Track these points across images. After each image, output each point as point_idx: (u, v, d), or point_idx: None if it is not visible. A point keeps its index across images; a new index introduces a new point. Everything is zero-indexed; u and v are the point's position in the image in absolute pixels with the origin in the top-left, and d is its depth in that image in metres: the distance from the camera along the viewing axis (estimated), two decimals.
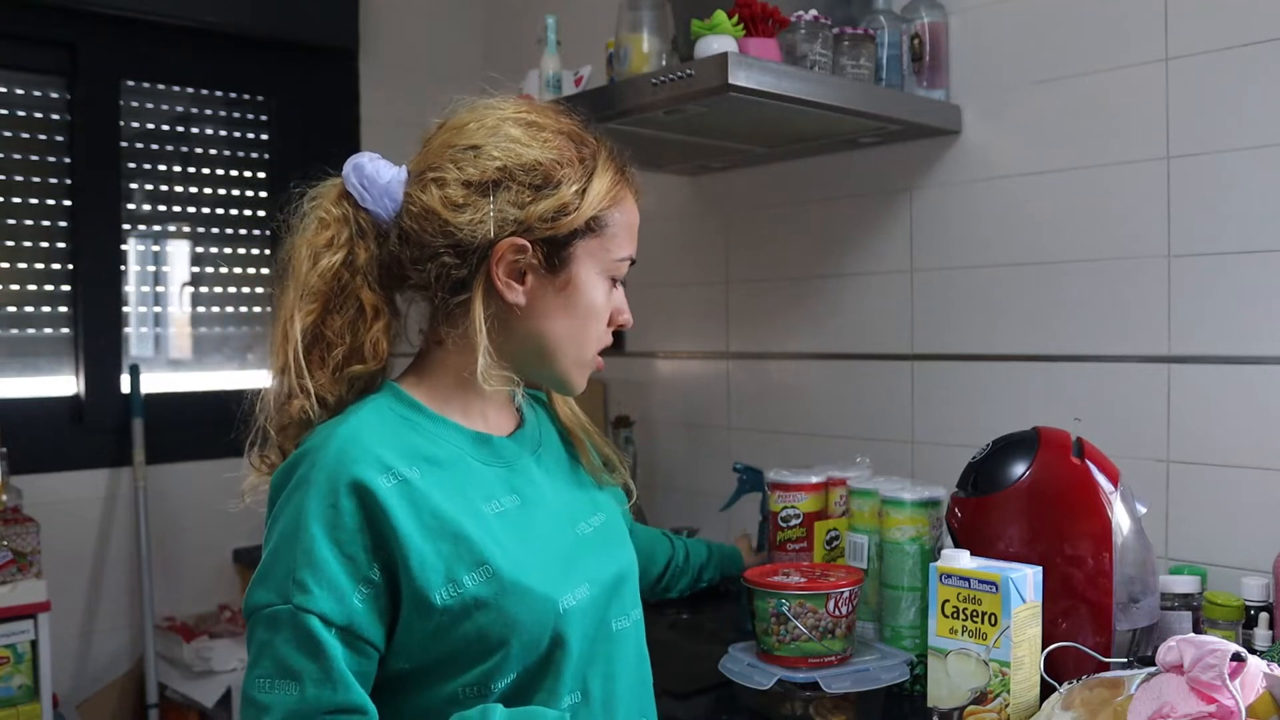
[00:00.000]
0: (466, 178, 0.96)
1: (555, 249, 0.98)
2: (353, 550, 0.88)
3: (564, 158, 0.98)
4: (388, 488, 0.90)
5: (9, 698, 2.00)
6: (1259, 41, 1.45)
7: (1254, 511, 1.46)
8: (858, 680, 1.29)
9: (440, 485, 0.94)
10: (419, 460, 0.94)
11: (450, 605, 0.90)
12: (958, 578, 1.15)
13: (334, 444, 0.91)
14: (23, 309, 2.38)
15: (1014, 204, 1.74)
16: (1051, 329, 1.70)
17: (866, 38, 1.71)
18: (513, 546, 0.95)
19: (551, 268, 0.99)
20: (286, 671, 0.87)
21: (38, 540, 2.05)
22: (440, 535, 0.91)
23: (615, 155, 1.04)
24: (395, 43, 2.76)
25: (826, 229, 2.04)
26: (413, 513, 0.90)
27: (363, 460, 0.90)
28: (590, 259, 1.01)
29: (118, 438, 2.42)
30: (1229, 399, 1.50)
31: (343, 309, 0.97)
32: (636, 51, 1.67)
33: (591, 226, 1.00)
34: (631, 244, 1.05)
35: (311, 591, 0.87)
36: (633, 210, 1.05)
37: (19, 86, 2.38)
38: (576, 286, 1.00)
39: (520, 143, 0.97)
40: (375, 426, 0.95)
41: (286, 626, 0.87)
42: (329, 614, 0.87)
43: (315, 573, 0.87)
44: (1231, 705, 0.87)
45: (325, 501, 0.89)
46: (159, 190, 2.58)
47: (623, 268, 1.04)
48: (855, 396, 1.99)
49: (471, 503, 0.95)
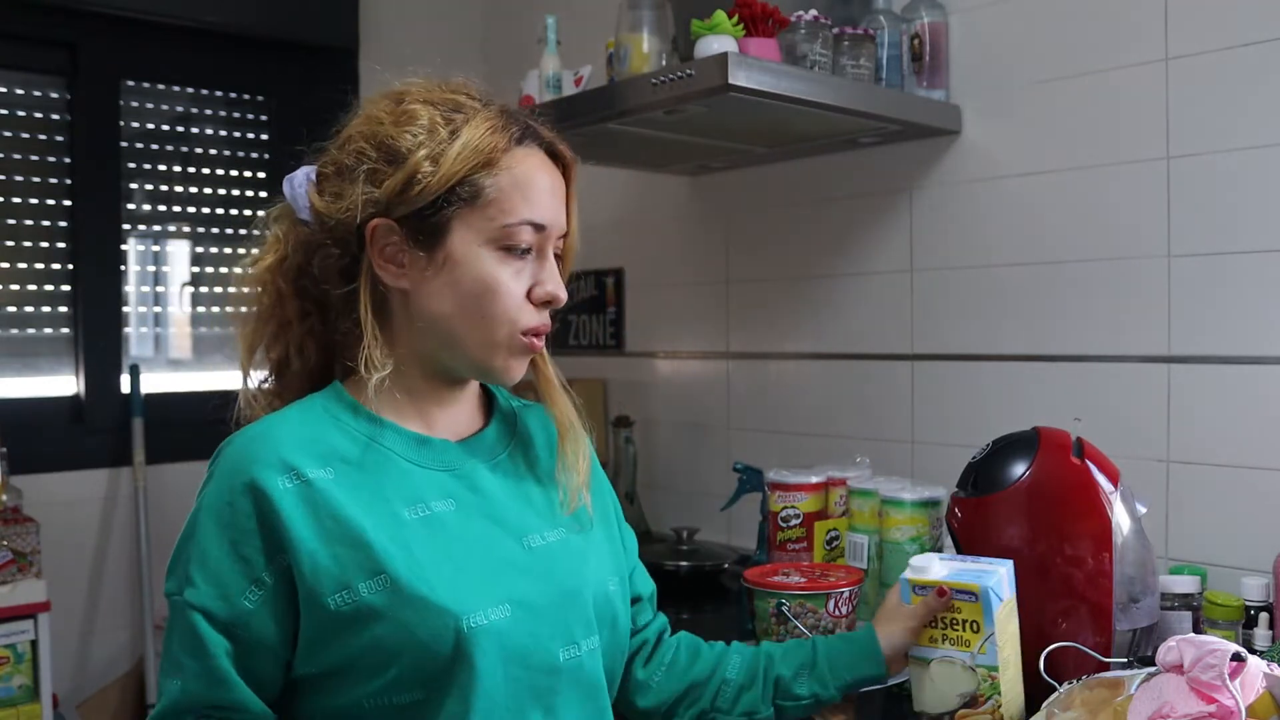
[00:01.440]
0: (336, 167, 0.96)
1: (425, 223, 0.92)
2: (246, 550, 0.88)
3: (419, 127, 0.93)
4: (284, 489, 0.88)
5: (9, 698, 2.00)
6: (1259, 41, 1.45)
7: (1254, 511, 1.46)
8: None
9: (353, 488, 0.91)
10: (334, 461, 0.91)
11: (343, 611, 0.87)
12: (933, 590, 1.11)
13: (239, 442, 0.92)
14: (23, 309, 2.38)
15: (1014, 204, 1.74)
16: (1051, 329, 1.70)
17: (866, 38, 1.71)
18: (424, 554, 0.90)
19: (425, 244, 0.93)
20: (174, 664, 0.88)
21: (38, 540, 2.05)
22: (339, 540, 0.88)
23: (497, 117, 0.95)
24: (395, 43, 2.76)
25: (826, 229, 2.04)
26: (310, 515, 0.88)
27: (262, 460, 0.89)
28: (469, 230, 0.93)
29: (118, 438, 2.42)
30: (1229, 399, 1.50)
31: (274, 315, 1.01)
32: (636, 51, 1.67)
33: (460, 194, 0.92)
34: (528, 207, 0.94)
35: (199, 586, 0.88)
36: (527, 170, 0.95)
37: (19, 86, 2.38)
38: (456, 261, 0.93)
39: (377, 121, 0.95)
40: (291, 425, 0.93)
41: (177, 617, 0.89)
42: (214, 611, 0.87)
43: (204, 569, 0.88)
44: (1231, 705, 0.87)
45: (223, 499, 0.89)
46: (159, 190, 2.58)
47: (518, 234, 0.93)
48: (855, 396, 1.99)
49: (388, 506, 0.91)
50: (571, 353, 2.57)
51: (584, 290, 2.56)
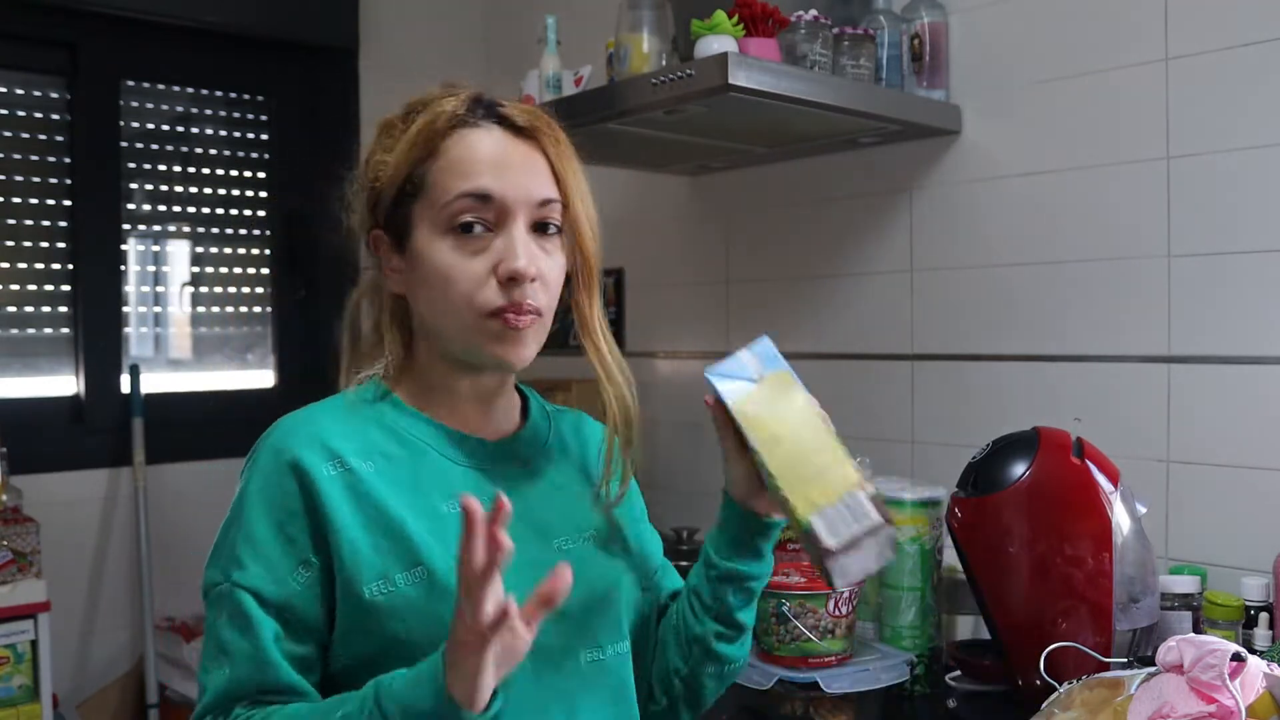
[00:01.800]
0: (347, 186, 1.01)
1: (395, 226, 0.96)
2: (293, 531, 0.88)
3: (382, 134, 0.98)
4: (329, 476, 0.89)
5: (9, 698, 2.00)
6: (1259, 41, 1.45)
7: (1254, 511, 1.46)
8: (858, 680, 1.29)
9: (394, 480, 0.92)
10: (375, 454, 0.92)
11: (378, 601, 0.87)
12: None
13: (284, 426, 0.92)
14: (23, 309, 2.38)
15: (1014, 204, 1.74)
16: (1051, 329, 1.70)
17: (866, 38, 1.71)
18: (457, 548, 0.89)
19: (401, 245, 0.96)
20: (222, 649, 0.86)
21: (38, 540, 2.05)
22: (381, 530, 0.89)
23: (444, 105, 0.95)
24: (395, 43, 2.76)
25: (826, 229, 2.04)
26: (353, 503, 0.89)
27: (308, 445, 0.90)
28: (423, 221, 0.93)
29: (118, 438, 2.42)
30: (1229, 399, 1.50)
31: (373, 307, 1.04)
32: (636, 51, 1.67)
33: (410, 189, 0.93)
34: (465, 179, 0.91)
35: (247, 568, 0.87)
36: (464, 147, 0.93)
37: (19, 86, 2.38)
38: (417, 255, 0.94)
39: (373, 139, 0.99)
40: (334, 415, 0.94)
41: (225, 603, 0.87)
42: (264, 591, 0.86)
43: (253, 550, 0.87)
44: (1231, 705, 0.87)
45: (268, 481, 0.89)
46: (159, 190, 2.58)
47: (458, 210, 0.91)
48: (855, 396, 1.99)
49: (427, 500, 0.92)
50: (572, 353, 2.56)
51: None
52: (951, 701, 1.41)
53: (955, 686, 1.44)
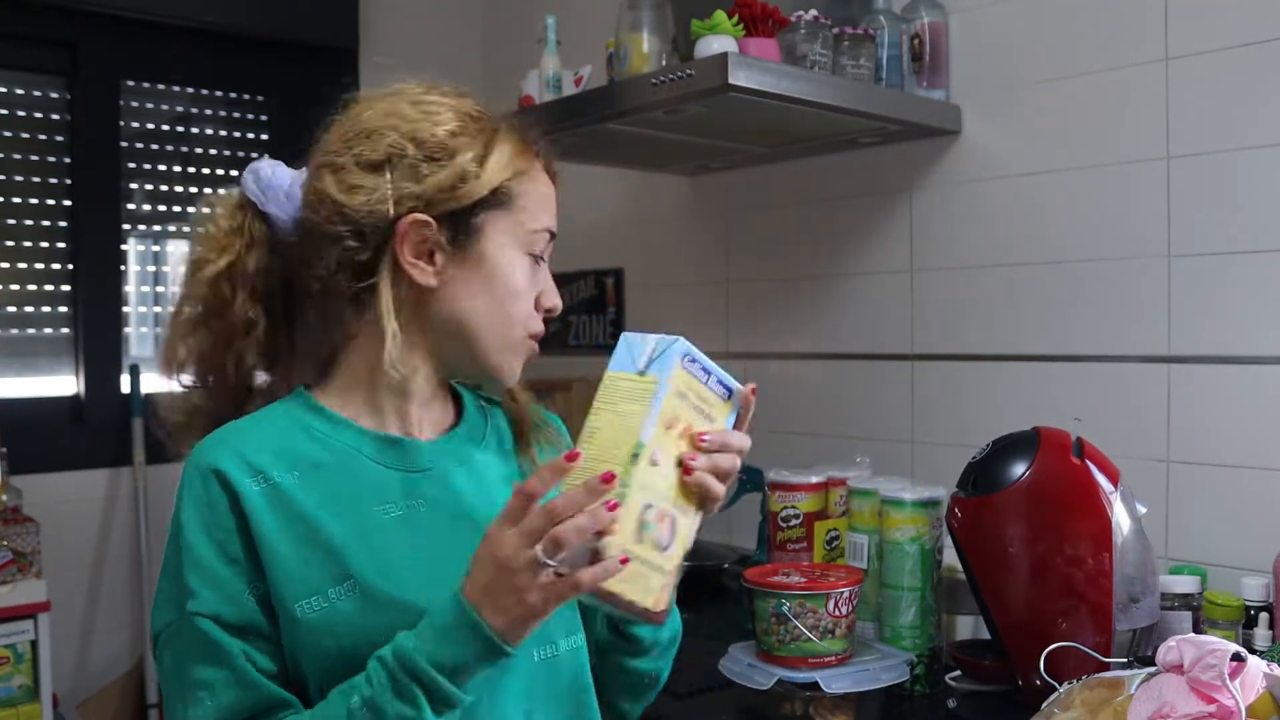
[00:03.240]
0: (359, 158, 0.92)
1: (461, 223, 0.93)
2: (234, 550, 0.85)
3: (459, 129, 0.94)
4: (254, 491, 0.86)
5: (9, 698, 2.00)
6: (1259, 41, 1.45)
7: (1254, 511, 1.46)
8: (858, 680, 1.29)
9: (320, 490, 0.89)
10: (299, 465, 0.90)
11: (311, 619, 0.85)
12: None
13: (199, 448, 0.90)
14: (23, 309, 2.38)
15: (1014, 204, 1.74)
16: (1051, 329, 1.70)
17: (866, 38, 1.71)
18: (395, 555, 0.89)
19: (460, 244, 0.93)
20: (197, 685, 0.83)
21: (38, 540, 2.05)
22: (308, 544, 0.86)
23: (518, 127, 0.98)
24: (395, 43, 2.76)
25: (826, 229, 2.04)
26: (282, 517, 0.87)
27: (227, 458, 0.87)
28: (502, 233, 0.95)
29: (118, 438, 2.42)
30: (1229, 399, 1.50)
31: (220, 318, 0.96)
32: (636, 51, 1.67)
33: (498, 198, 0.94)
34: (549, 217, 0.98)
35: (198, 593, 0.84)
36: (545, 183, 0.99)
37: (19, 86, 2.38)
38: (490, 261, 0.94)
39: (411, 118, 0.94)
40: (251, 431, 0.92)
41: (185, 639, 0.84)
42: (223, 615, 0.84)
43: (201, 575, 0.84)
44: (1231, 705, 0.87)
45: (199, 501, 0.86)
46: (159, 190, 2.58)
47: (541, 241, 0.97)
48: (855, 396, 1.99)
49: (355, 508, 0.90)
50: (571, 353, 2.57)
51: (584, 290, 2.56)
52: (951, 701, 1.41)
53: (955, 686, 1.44)
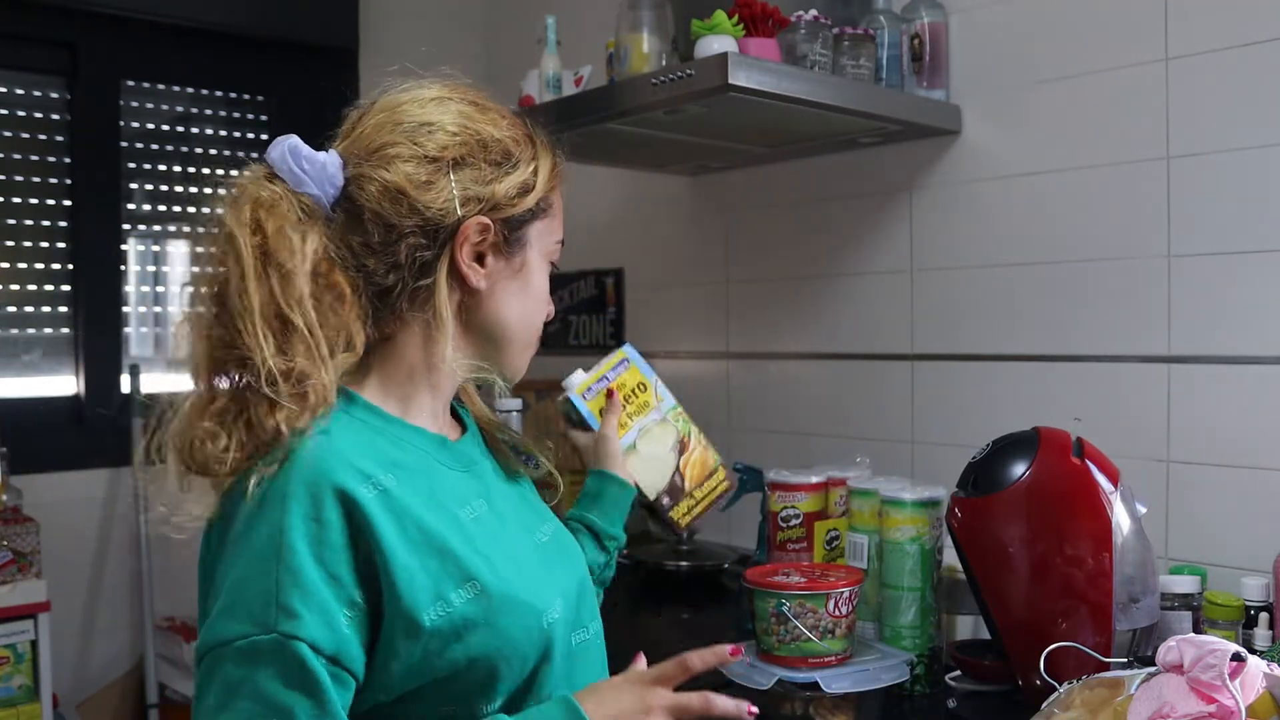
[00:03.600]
0: (427, 153, 0.90)
1: (513, 230, 0.94)
2: (337, 569, 0.79)
3: (516, 135, 0.96)
4: (370, 498, 0.81)
5: (9, 698, 2.00)
6: (1259, 41, 1.45)
7: (1254, 511, 1.46)
8: (858, 680, 1.29)
9: (417, 492, 0.86)
10: (391, 467, 0.85)
11: (440, 626, 0.82)
12: (593, 385, 1.25)
13: (308, 454, 0.82)
14: (23, 309, 2.38)
15: (1014, 204, 1.74)
16: (1051, 329, 1.70)
17: (866, 38, 1.71)
18: (494, 556, 0.89)
19: (510, 250, 0.95)
20: (273, 709, 0.76)
21: (38, 540, 2.05)
22: (426, 550, 0.83)
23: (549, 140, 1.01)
24: (395, 43, 2.76)
25: (826, 229, 2.04)
26: (397, 526, 0.82)
27: (342, 469, 0.82)
28: (539, 241, 0.98)
29: (118, 438, 2.42)
30: (1229, 399, 1.50)
31: (319, 296, 0.87)
32: (636, 51, 1.67)
33: (542, 207, 0.97)
34: (562, 228, 1.03)
35: (301, 616, 0.77)
36: (560, 194, 1.03)
37: (19, 86, 2.38)
38: (530, 269, 0.97)
39: (474, 119, 0.93)
40: (344, 433, 0.85)
41: (270, 659, 0.76)
42: (320, 642, 0.77)
43: (304, 595, 0.77)
44: (1231, 705, 0.87)
45: (308, 514, 0.79)
46: (159, 190, 2.58)
47: (558, 251, 1.02)
48: (855, 396, 1.99)
49: (448, 510, 0.88)
50: (571, 353, 2.57)
51: (584, 290, 2.56)
52: (951, 701, 1.41)
53: (955, 686, 1.44)
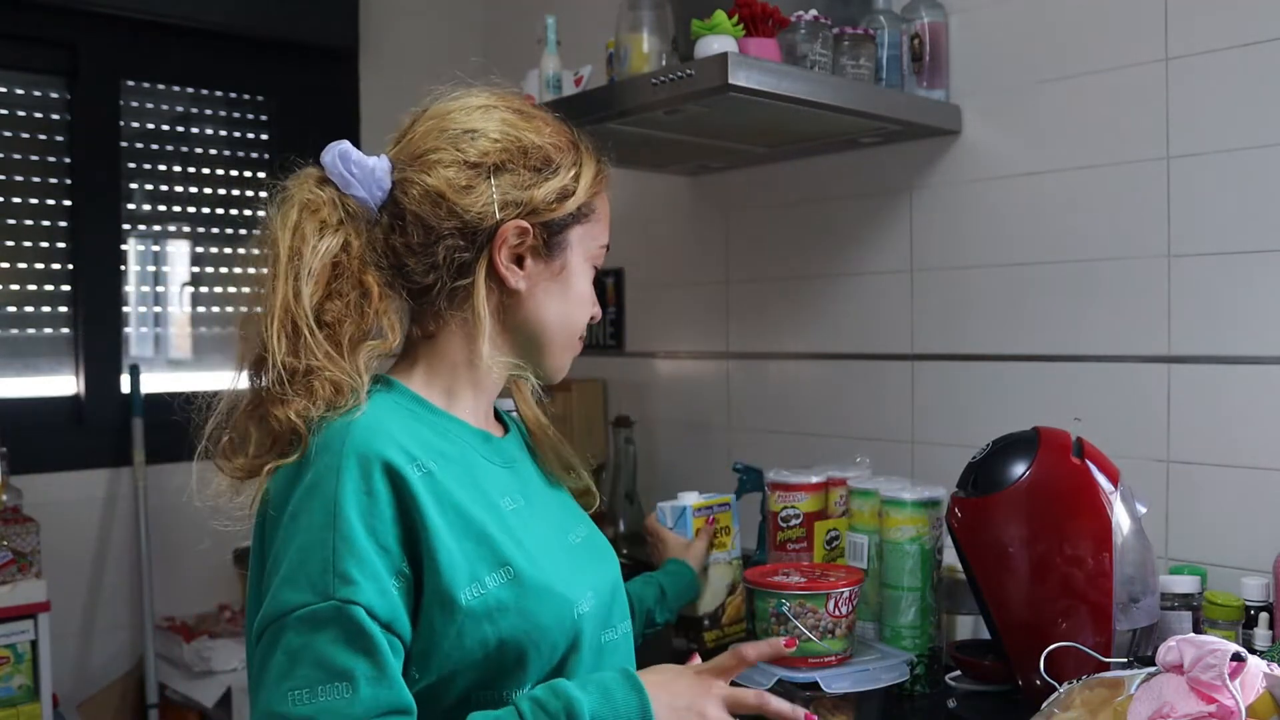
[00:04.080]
0: (468, 159, 0.95)
1: (553, 233, 0.99)
2: (387, 541, 0.84)
3: (559, 143, 1.00)
4: (416, 477, 0.86)
5: (9, 698, 2.00)
6: (1259, 41, 1.45)
7: (1254, 511, 1.46)
8: (858, 680, 1.29)
9: (458, 480, 0.91)
10: (434, 454, 0.90)
11: (474, 606, 0.86)
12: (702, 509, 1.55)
13: (358, 431, 0.87)
14: (23, 309, 2.38)
15: (1014, 204, 1.74)
16: (1051, 329, 1.70)
17: (866, 38, 1.70)
18: (530, 546, 0.93)
19: (549, 252, 0.99)
20: (333, 673, 0.80)
21: (38, 540, 2.05)
22: (464, 533, 0.88)
23: (593, 147, 1.05)
24: (395, 43, 2.76)
25: (826, 229, 2.04)
26: (438, 506, 0.87)
27: (391, 447, 0.87)
28: (580, 245, 1.01)
29: (118, 438, 2.42)
30: (1229, 399, 1.50)
31: (343, 293, 0.92)
32: (636, 51, 1.67)
33: (583, 212, 1.00)
34: (607, 233, 1.06)
35: (357, 582, 0.81)
36: (606, 199, 1.06)
37: (19, 86, 2.38)
38: (571, 272, 1.01)
39: (517, 126, 0.98)
40: (390, 417, 0.91)
41: (330, 624, 0.81)
42: (375, 608, 0.82)
43: (359, 563, 0.82)
44: (1231, 705, 0.87)
45: (360, 487, 0.84)
46: (159, 190, 2.58)
47: (603, 255, 1.05)
48: (855, 396, 1.99)
49: (488, 498, 0.93)
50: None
51: None
52: (951, 701, 1.41)
53: (955, 686, 1.44)
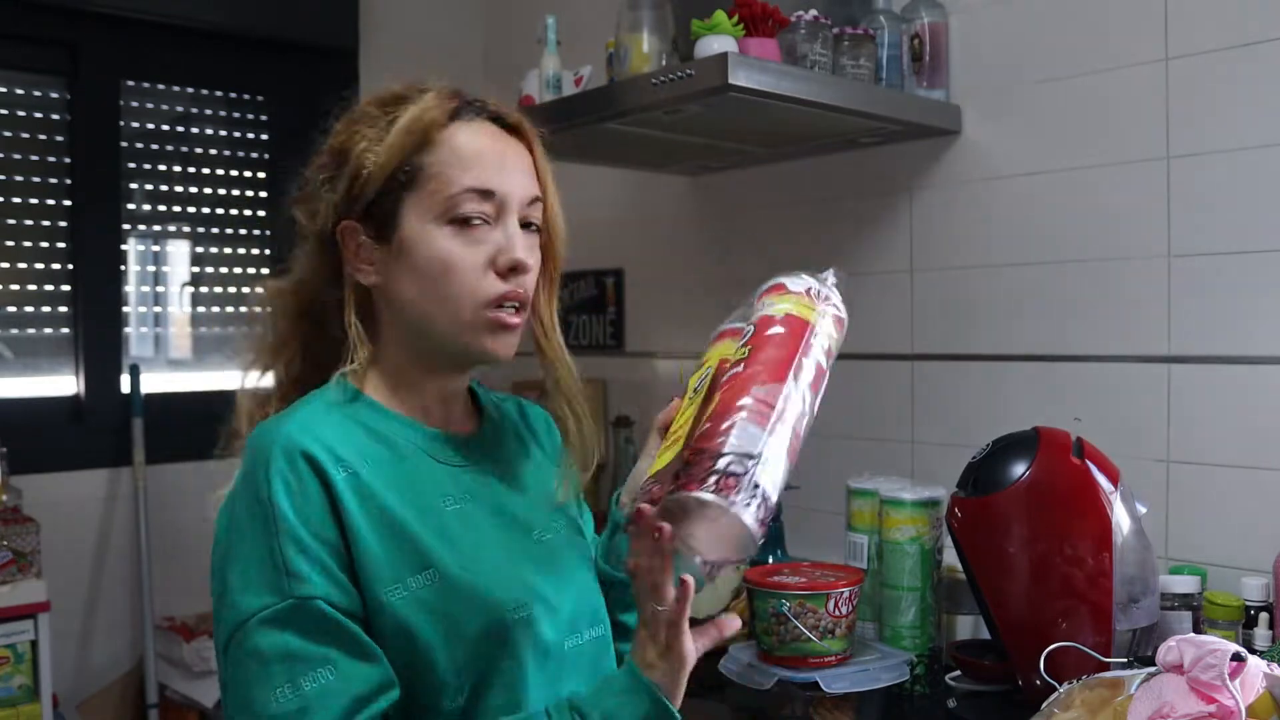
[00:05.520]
0: (307, 183, 0.99)
1: (377, 215, 0.94)
2: (328, 534, 0.85)
3: (361, 125, 0.95)
4: (340, 478, 0.87)
5: (9, 698, 2.00)
6: (1259, 41, 1.45)
7: (1254, 511, 1.46)
8: (858, 680, 1.29)
9: (391, 481, 0.90)
10: (368, 456, 0.91)
11: (396, 605, 0.86)
12: None
13: (281, 430, 0.88)
14: (23, 309, 2.38)
15: (1014, 204, 1.74)
16: (1051, 329, 1.70)
17: (866, 38, 1.71)
18: (465, 547, 0.92)
19: (384, 235, 0.94)
20: (311, 662, 0.81)
21: (38, 540, 2.05)
22: (389, 534, 0.88)
23: (434, 99, 0.95)
24: (395, 43, 2.76)
25: (826, 229, 2.04)
26: (362, 508, 0.87)
27: (314, 445, 0.88)
28: (418, 210, 0.93)
29: (118, 438, 2.42)
30: (1229, 399, 1.50)
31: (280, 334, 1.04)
32: (636, 51, 1.67)
33: (402, 178, 0.93)
34: (469, 175, 0.92)
35: (310, 579, 0.83)
36: (465, 140, 0.94)
37: (19, 86, 2.38)
38: (411, 245, 0.93)
39: (333, 132, 0.98)
40: (322, 418, 0.92)
41: (293, 621, 0.82)
42: (334, 598, 0.84)
43: (306, 558, 0.84)
44: (1231, 705, 0.87)
45: (289, 485, 0.85)
46: (159, 190, 2.58)
47: (462, 203, 0.92)
48: (855, 396, 1.99)
49: (425, 498, 0.92)
50: (571, 353, 2.56)
51: (584, 290, 2.56)
52: (951, 701, 1.41)
53: (955, 686, 1.44)
